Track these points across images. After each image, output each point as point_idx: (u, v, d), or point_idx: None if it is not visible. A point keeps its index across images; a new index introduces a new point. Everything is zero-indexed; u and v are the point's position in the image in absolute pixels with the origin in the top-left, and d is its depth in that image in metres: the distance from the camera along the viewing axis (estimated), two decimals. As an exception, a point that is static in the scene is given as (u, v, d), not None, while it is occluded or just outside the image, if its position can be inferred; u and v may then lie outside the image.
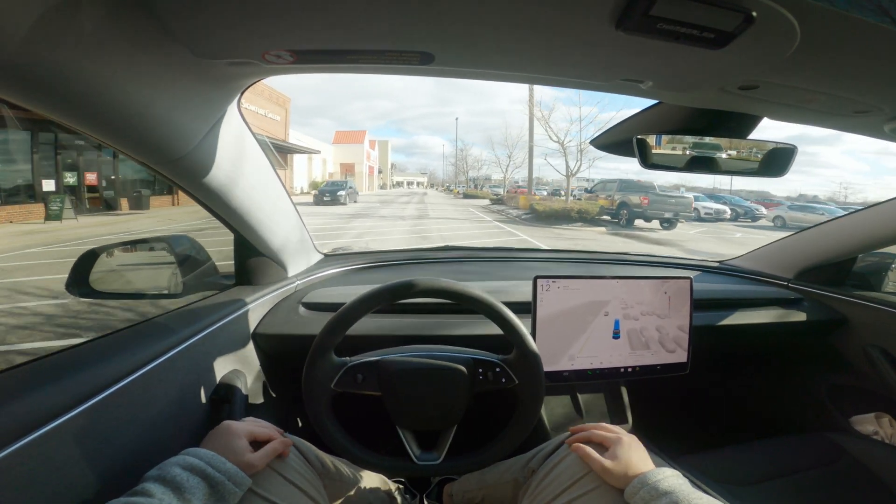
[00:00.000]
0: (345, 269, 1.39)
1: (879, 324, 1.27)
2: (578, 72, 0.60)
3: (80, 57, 0.46)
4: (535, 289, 1.04)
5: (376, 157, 54.13)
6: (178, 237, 1.10)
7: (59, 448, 0.52)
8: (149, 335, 0.74)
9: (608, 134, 0.93)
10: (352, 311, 0.76)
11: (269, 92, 21.50)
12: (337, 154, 41.32)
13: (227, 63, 0.58)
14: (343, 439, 0.78)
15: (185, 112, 0.63)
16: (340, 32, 0.50)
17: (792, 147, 0.80)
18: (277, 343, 1.07)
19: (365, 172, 44.38)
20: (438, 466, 0.80)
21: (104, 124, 0.56)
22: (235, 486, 0.58)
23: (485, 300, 0.77)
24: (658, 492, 0.60)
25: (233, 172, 0.81)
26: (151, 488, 0.52)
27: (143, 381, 0.67)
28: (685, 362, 1.15)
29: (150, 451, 0.66)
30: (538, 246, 9.05)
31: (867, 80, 0.56)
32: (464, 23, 0.48)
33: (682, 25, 0.43)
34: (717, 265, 1.67)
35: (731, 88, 0.61)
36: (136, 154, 0.65)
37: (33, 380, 0.54)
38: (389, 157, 68.37)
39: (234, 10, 0.46)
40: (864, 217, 1.26)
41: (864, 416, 1.34)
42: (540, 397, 0.79)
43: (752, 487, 0.99)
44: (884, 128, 0.72)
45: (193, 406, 0.81)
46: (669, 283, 1.12)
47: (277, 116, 22.65)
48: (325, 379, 0.76)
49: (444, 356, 0.80)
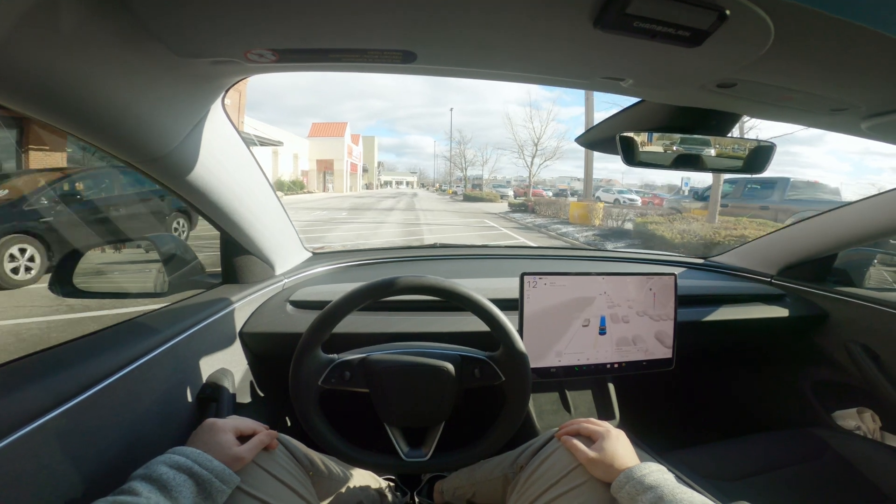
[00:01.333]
0: (333, 268, 1.39)
1: (860, 319, 1.29)
2: (559, 70, 0.61)
3: (61, 56, 0.45)
4: (522, 285, 1.05)
5: (360, 153, 47.99)
6: (162, 236, 1.10)
7: (44, 447, 0.52)
8: (132, 334, 0.73)
9: (593, 132, 0.94)
10: (339, 309, 0.76)
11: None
12: (313, 149, 35.56)
13: (209, 62, 0.58)
14: (331, 436, 0.78)
15: (167, 110, 0.63)
16: (323, 31, 0.50)
17: (771, 145, 0.82)
18: (265, 341, 1.07)
19: (346, 170, 38.66)
20: (426, 463, 0.81)
21: (85, 122, 0.56)
22: (223, 484, 0.58)
23: (471, 297, 0.78)
24: (644, 486, 0.61)
25: (217, 170, 0.81)
26: (138, 487, 0.52)
27: (127, 380, 0.66)
28: (670, 358, 1.16)
29: (137, 450, 0.66)
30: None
31: (843, 78, 0.57)
32: (445, 22, 0.48)
33: (658, 24, 0.44)
34: (701, 262, 1.69)
35: (709, 86, 0.62)
36: (118, 152, 0.65)
37: (15, 379, 0.54)
38: (377, 155, 62.02)
39: (214, 9, 0.46)
40: (846, 213, 1.28)
41: (847, 411, 1.36)
42: (527, 394, 0.80)
43: (737, 483, 1.01)
44: (861, 125, 0.73)
45: (180, 405, 0.81)
46: (654, 280, 1.14)
47: (228, 100, 20.29)
48: (312, 376, 0.76)
49: (431, 353, 0.81)
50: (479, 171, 46.13)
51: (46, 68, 0.45)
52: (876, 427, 1.31)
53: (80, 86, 0.50)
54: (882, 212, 1.17)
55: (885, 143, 0.84)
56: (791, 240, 1.46)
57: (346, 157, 38.31)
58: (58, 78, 0.47)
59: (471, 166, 45.07)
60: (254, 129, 21.01)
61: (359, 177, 47.73)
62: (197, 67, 0.59)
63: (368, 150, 55.60)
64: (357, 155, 45.10)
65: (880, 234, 1.20)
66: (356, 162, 44.90)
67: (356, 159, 44.69)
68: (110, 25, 0.47)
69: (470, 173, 47.41)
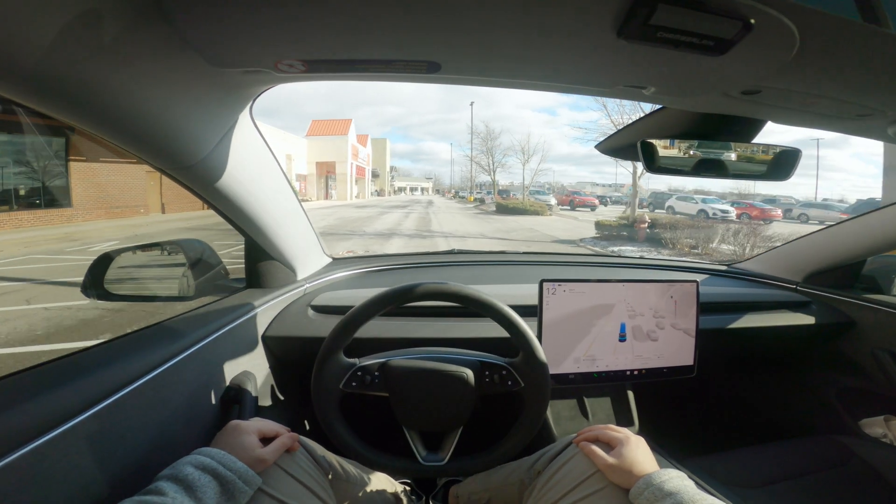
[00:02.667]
0: (353, 273, 1.41)
1: (888, 326, 1.26)
2: (582, 78, 0.61)
3: (100, 66, 0.47)
4: (542, 292, 1.05)
5: (368, 156, 42.10)
6: (190, 241, 1.12)
7: (75, 448, 0.53)
8: (160, 338, 0.75)
9: (614, 138, 0.94)
10: (361, 314, 0.77)
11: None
12: (312, 150, 30.29)
13: (240, 72, 0.60)
14: (350, 439, 0.79)
15: (199, 119, 0.65)
16: (350, 42, 0.52)
17: (796, 150, 0.81)
18: (286, 345, 1.09)
19: (349, 174, 32.62)
20: (444, 467, 0.81)
21: (122, 131, 0.58)
22: (246, 485, 0.59)
23: (491, 303, 0.78)
24: (663, 492, 0.60)
25: (245, 178, 0.83)
26: (164, 487, 0.53)
27: (154, 383, 0.68)
28: (692, 365, 1.15)
29: (163, 451, 0.67)
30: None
31: (868, 83, 0.56)
32: (469, 33, 0.49)
33: (681, 33, 0.44)
34: (724, 268, 1.67)
35: (733, 93, 0.62)
36: (153, 160, 0.67)
37: (48, 381, 0.56)
38: (388, 159, 56.47)
39: (248, 21, 0.47)
40: (874, 220, 1.25)
41: (874, 418, 1.33)
42: (546, 400, 0.80)
43: (759, 490, 0.99)
44: (888, 131, 0.72)
45: (205, 407, 0.83)
46: (676, 287, 1.12)
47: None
48: (333, 379, 0.77)
49: (451, 358, 0.81)
50: (508, 176, 38.52)
51: (86, 78, 0.47)
52: (905, 436, 1.27)
53: (118, 95, 0.52)
54: None
55: None
56: (817, 246, 1.43)
57: (349, 158, 32.47)
58: (96, 87, 0.49)
59: (500, 168, 34.35)
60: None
61: (367, 182, 41.98)
62: (229, 77, 0.61)
63: (380, 154, 51.68)
64: (364, 157, 39.90)
65: None
66: (363, 165, 39.28)
67: (363, 162, 39.37)
68: (149, 36, 0.49)
69: (499, 178, 35.53)
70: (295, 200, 1.06)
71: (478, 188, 41.58)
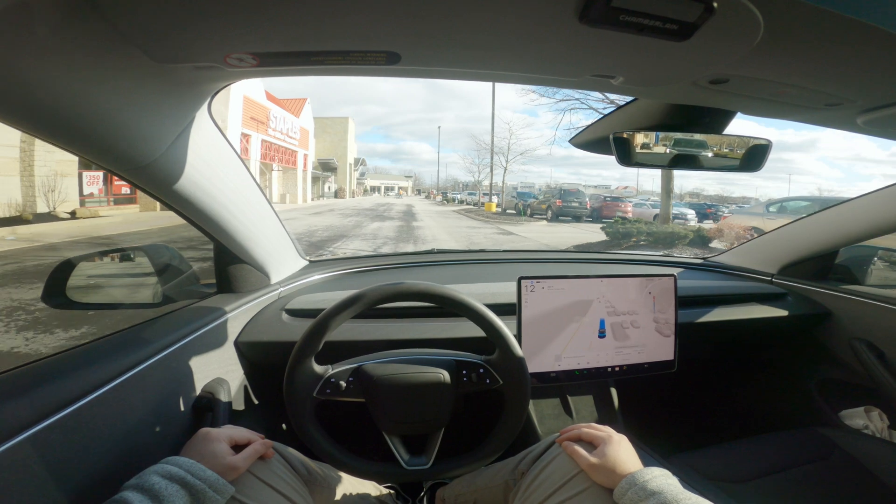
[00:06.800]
0: (330, 275, 1.38)
1: (864, 317, 1.27)
2: (547, 68, 0.60)
3: (35, 62, 0.45)
4: (520, 290, 1.04)
5: (310, 135, 25.96)
6: (156, 246, 1.08)
7: (35, 458, 0.52)
8: (124, 345, 0.73)
9: (587, 132, 0.93)
10: (330, 318, 0.75)
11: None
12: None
13: (189, 67, 0.57)
14: (329, 447, 0.77)
15: (150, 118, 0.62)
16: (303, 34, 0.50)
17: (767, 142, 0.81)
18: (260, 350, 1.06)
19: (254, 159, 17.66)
20: (428, 471, 0.80)
21: (66, 131, 0.55)
22: (216, 494, 0.57)
23: (464, 301, 0.77)
24: (646, 492, 0.60)
25: (206, 179, 0.80)
26: (130, 497, 0.51)
27: (118, 391, 0.65)
28: (672, 360, 1.15)
29: (131, 460, 0.65)
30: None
31: (837, 72, 0.56)
32: (429, 22, 0.47)
33: (644, 17, 0.43)
34: (700, 262, 1.68)
35: (702, 82, 0.61)
36: (102, 161, 0.64)
37: (2, 392, 0.53)
38: (353, 147, 38.08)
39: (187, 14, 0.45)
40: (845, 210, 1.26)
41: (854, 409, 1.34)
42: (526, 396, 0.79)
43: (744, 484, 0.99)
44: (856, 120, 0.72)
45: (175, 415, 0.80)
46: (654, 282, 1.12)
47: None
48: (306, 388, 0.75)
49: (426, 360, 0.80)
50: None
51: (21, 76, 0.45)
52: (884, 425, 1.29)
53: (58, 93, 0.49)
54: (881, 208, 1.16)
55: (880, 137, 0.83)
56: (790, 238, 1.45)
57: (282, 136, 20.26)
58: (33, 85, 0.46)
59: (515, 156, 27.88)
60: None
61: (307, 176, 25.40)
62: (178, 73, 0.58)
63: (339, 138, 34.66)
64: (292, 131, 22.11)
65: (880, 230, 1.19)
66: (294, 147, 22.49)
67: (292, 142, 22.19)
68: (85, 31, 0.46)
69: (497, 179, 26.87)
70: (264, 202, 1.03)
71: (460, 187, 36.72)
